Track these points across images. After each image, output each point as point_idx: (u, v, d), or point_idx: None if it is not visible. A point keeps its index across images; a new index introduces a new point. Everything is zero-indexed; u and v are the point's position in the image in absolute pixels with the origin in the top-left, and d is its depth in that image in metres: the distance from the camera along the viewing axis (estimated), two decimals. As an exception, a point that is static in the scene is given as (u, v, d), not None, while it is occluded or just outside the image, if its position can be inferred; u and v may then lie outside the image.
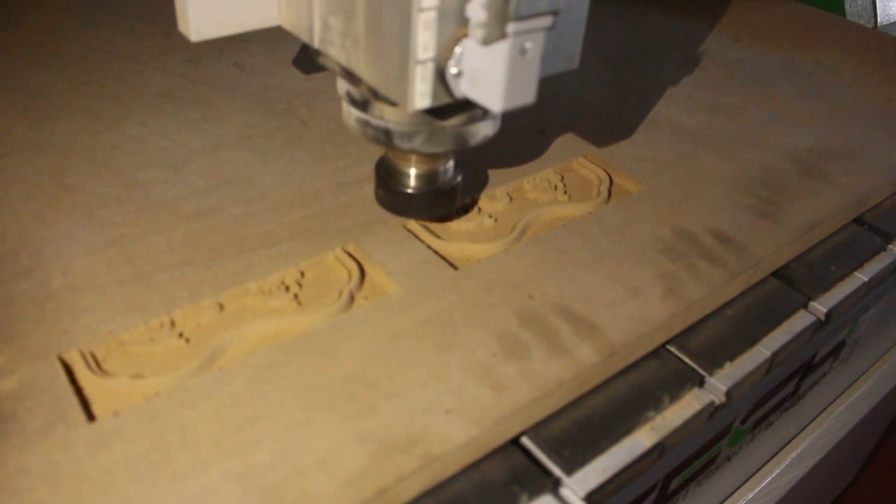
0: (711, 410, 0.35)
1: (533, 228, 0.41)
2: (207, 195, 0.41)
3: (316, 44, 0.32)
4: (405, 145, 0.33)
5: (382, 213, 0.40)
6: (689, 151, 0.49)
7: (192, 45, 0.57)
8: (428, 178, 0.37)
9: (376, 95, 0.31)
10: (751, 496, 0.55)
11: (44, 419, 0.28)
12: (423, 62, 0.27)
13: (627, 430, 0.32)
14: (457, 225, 0.40)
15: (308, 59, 0.34)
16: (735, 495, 0.55)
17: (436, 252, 0.38)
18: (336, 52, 0.31)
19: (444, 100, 0.28)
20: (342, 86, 0.34)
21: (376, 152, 0.46)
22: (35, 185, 0.41)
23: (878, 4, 0.81)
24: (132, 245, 0.37)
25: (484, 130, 0.34)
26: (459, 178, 0.38)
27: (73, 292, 0.34)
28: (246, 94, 0.51)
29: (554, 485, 0.30)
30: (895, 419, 0.93)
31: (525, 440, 0.31)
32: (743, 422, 0.46)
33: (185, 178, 0.42)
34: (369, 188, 0.42)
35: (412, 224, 0.40)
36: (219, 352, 0.32)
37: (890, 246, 0.46)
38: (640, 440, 0.32)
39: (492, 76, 0.26)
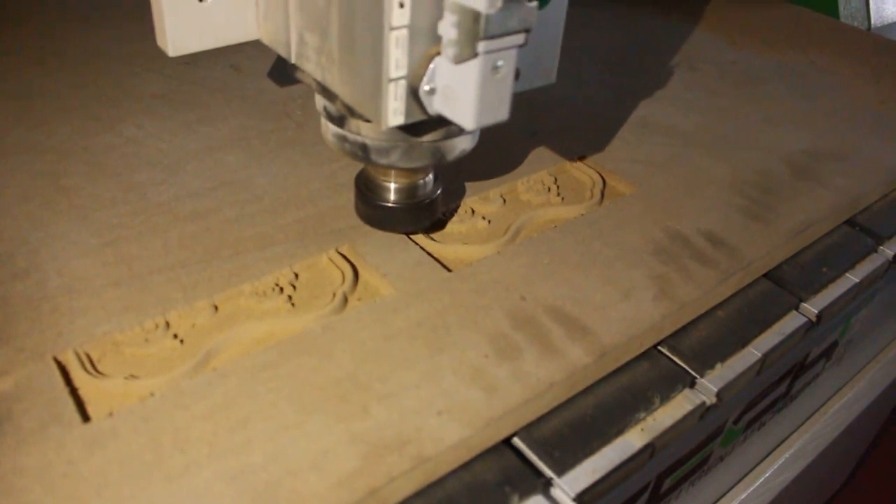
0: (702, 411, 0.35)
1: (526, 230, 0.41)
2: (203, 197, 0.41)
3: (293, 59, 0.32)
4: (382, 160, 0.33)
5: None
6: (682, 153, 0.49)
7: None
8: (407, 192, 0.37)
9: (352, 111, 0.31)
10: (744, 496, 0.55)
11: (39, 420, 0.28)
12: (395, 80, 0.27)
13: (618, 431, 0.33)
14: (450, 227, 0.41)
15: (283, 72, 0.34)
16: (728, 496, 0.55)
17: (429, 254, 0.38)
18: (312, 67, 0.31)
19: (418, 117, 0.28)
20: (320, 101, 0.34)
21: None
22: (31, 186, 0.41)
23: (871, 6, 0.81)
24: (127, 247, 0.37)
25: (461, 145, 0.34)
26: (439, 192, 0.38)
27: (69, 294, 0.34)
28: (242, 96, 0.52)
29: (545, 485, 0.31)
30: (889, 420, 0.93)
31: (517, 441, 0.32)
32: (735, 422, 0.46)
33: (181, 179, 0.43)
34: (364, 190, 0.43)
35: (406, 226, 0.40)
36: (213, 353, 0.32)
37: (881, 247, 0.47)
38: (631, 441, 0.33)
39: (464, 94, 0.26)
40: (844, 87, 0.61)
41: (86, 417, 0.29)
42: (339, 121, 0.33)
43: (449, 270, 0.37)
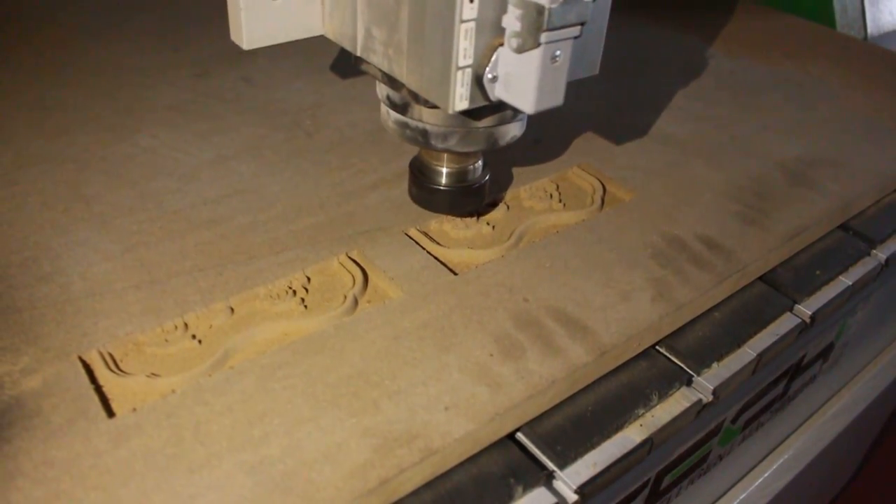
0: (699, 408, 0.37)
1: (529, 235, 0.43)
2: (217, 204, 0.43)
3: (359, 52, 0.34)
4: (441, 145, 0.36)
5: (385, 221, 0.42)
6: (680, 161, 0.51)
7: (200, 60, 0.59)
8: (458, 176, 0.39)
9: (416, 99, 0.34)
10: (743, 496, 0.57)
11: (67, 415, 0.30)
12: (462, 68, 0.29)
13: (618, 427, 0.34)
14: (456, 232, 0.42)
15: (346, 65, 0.36)
16: (728, 495, 0.56)
17: (436, 258, 0.40)
18: (378, 59, 0.33)
19: (481, 102, 0.31)
20: (382, 90, 0.37)
21: (379, 163, 0.48)
22: (53, 195, 0.43)
23: (867, 16, 0.83)
24: (147, 252, 0.39)
25: (513, 131, 0.37)
26: (487, 177, 0.41)
27: (92, 296, 0.36)
28: (253, 107, 0.53)
29: (548, 478, 0.32)
30: (888, 423, 0.94)
31: (520, 436, 0.33)
32: (733, 422, 0.48)
33: (196, 188, 0.44)
34: (372, 197, 0.44)
35: (413, 231, 0.42)
36: (230, 352, 0.34)
37: (874, 251, 0.48)
38: (630, 436, 0.34)
39: (525, 81, 0.29)
40: (839, 95, 0.63)
41: (110, 413, 0.31)
42: (401, 108, 0.36)
43: (455, 274, 0.39)
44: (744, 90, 0.62)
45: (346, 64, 0.60)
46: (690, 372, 0.37)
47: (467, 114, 0.34)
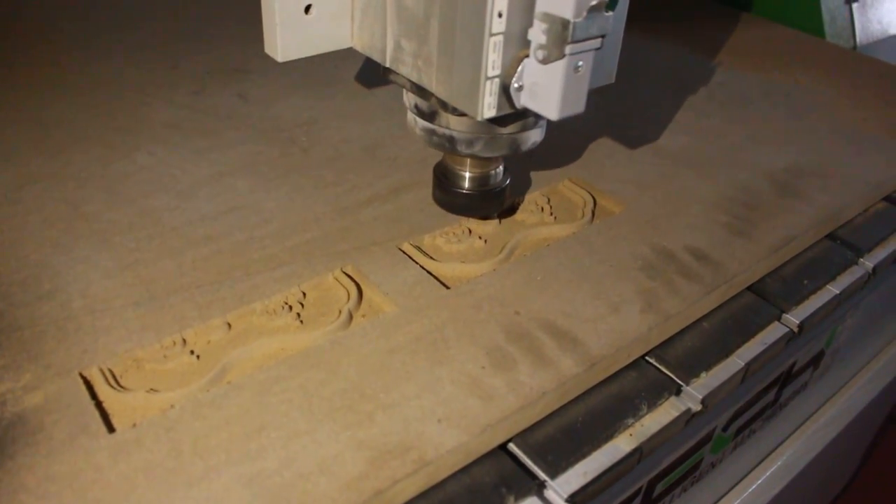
0: (688, 417, 0.37)
1: (520, 249, 0.44)
2: (215, 221, 0.44)
3: (388, 63, 0.36)
4: (466, 150, 0.38)
5: (379, 236, 0.43)
6: (669, 173, 0.52)
7: (196, 76, 0.60)
8: (481, 181, 0.41)
9: (444, 107, 0.35)
10: (737, 503, 0.57)
11: (68, 431, 0.31)
12: (491, 78, 0.31)
13: (608, 437, 0.35)
14: (448, 246, 0.43)
15: (370, 75, 0.38)
16: (721, 502, 0.57)
17: (429, 272, 0.41)
18: (407, 70, 0.35)
19: (507, 110, 0.32)
20: (410, 99, 0.38)
21: (373, 179, 0.48)
22: (53, 213, 0.44)
23: (856, 25, 0.84)
24: (145, 269, 0.40)
25: (534, 137, 0.39)
26: (508, 182, 0.42)
27: (92, 313, 0.37)
28: (249, 123, 0.54)
29: (539, 487, 0.33)
30: (881, 430, 0.95)
31: (512, 446, 0.34)
32: (724, 429, 0.48)
33: (194, 205, 0.45)
34: (366, 212, 0.45)
35: (406, 246, 0.42)
36: (227, 367, 0.34)
37: (861, 260, 0.49)
38: (620, 445, 0.35)
39: (550, 90, 0.30)
40: (828, 105, 0.64)
41: (111, 428, 0.31)
42: (429, 116, 0.38)
43: (447, 287, 0.40)
44: (733, 101, 0.63)
45: (341, 80, 0.61)
46: (679, 382, 0.38)
47: (491, 121, 0.36)
